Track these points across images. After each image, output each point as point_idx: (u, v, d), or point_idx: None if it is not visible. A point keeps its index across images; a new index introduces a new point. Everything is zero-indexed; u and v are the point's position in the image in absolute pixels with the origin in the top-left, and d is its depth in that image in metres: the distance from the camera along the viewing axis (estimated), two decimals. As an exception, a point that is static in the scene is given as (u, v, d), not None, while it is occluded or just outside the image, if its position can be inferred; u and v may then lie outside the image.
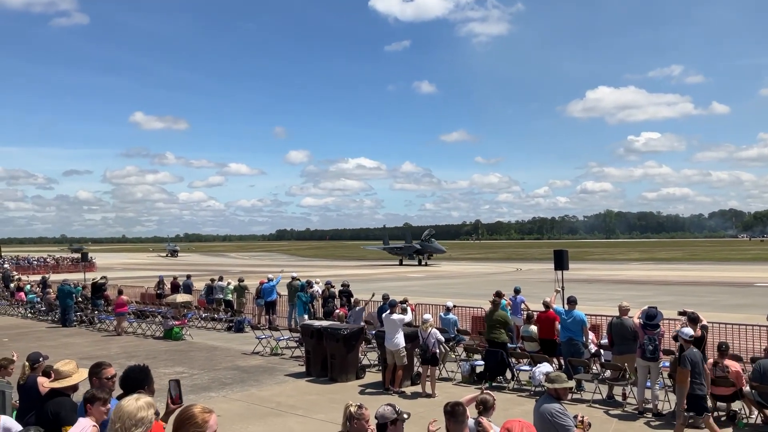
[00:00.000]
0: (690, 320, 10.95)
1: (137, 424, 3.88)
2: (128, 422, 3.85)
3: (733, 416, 10.92)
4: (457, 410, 5.82)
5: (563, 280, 17.83)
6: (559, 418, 6.50)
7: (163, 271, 44.87)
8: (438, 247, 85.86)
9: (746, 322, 15.70)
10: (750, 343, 14.92)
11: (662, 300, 27.59)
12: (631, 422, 10.95)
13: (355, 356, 14.97)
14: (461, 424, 5.81)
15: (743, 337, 15.20)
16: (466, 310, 20.72)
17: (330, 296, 21.64)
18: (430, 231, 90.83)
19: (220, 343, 20.51)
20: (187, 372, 15.82)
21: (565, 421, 6.50)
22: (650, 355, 11.56)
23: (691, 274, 54.64)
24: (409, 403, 12.27)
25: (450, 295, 30.13)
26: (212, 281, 28.02)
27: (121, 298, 23.28)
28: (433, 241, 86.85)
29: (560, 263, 18.88)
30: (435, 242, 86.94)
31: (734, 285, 41.68)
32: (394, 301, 14.90)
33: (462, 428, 5.81)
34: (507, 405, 11.57)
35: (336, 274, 53.40)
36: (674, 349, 11.87)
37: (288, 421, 11.33)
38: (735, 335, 15.14)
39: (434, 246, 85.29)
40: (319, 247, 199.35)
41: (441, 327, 16.79)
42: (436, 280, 53.02)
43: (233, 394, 13.48)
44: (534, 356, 13.98)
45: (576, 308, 13.80)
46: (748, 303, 27.83)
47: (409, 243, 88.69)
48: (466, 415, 5.87)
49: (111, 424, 3.94)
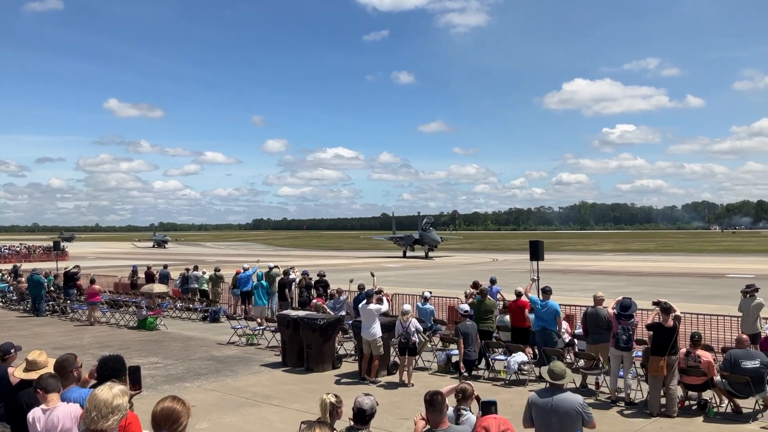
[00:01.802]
0: (663, 310, 11.10)
1: (113, 411, 3.85)
2: (104, 410, 3.83)
3: (704, 405, 11.11)
4: (436, 399, 5.84)
5: (538, 271, 17.98)
6: (586, 409, 6.79)
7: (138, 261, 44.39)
8: (433, 237, 77.81)
9: (718, 313, 15.98)
10: (721, 333, 15.18)
11: (635, 290, 27.96)
12: (604, 411, 11.09)
13: (331, 346, 14.97)
14: (440, 413, 5.84)
15: (715, 327, 15.46)
16: (443, 300, 20.81)
17: (306, 286, 21.59)
18: (429, 219, 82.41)
19: (195, 333, 20.38)
20: (161, 362, 15.70)
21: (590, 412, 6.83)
22: (624, 345, 11.71)
23: (664, 265, 55.44)
24: (386, 393, 12.32)
25: (426, 285, 30.23)
26: (187, 271, 27.81)
27: (93, 287, 23.01)
28: (431, 230, 79.41)
29: (536, 254, 19.03)
30: (433, 232, 79.43)
31: (706, 276, 42.35)
32: (371, 291, 14.92)
33: (441, 417, 5.84)
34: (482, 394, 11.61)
35: (313, 263, 53.31)
36: (647, 339, 12.07)
37: (263, 411, 11.30)
38: (707, 325, 15.39)
39: (430, 236, 77.45)
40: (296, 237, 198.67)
41: (418, 317, 16.86)
42: (412, 270, 53.16)
43: (208, 384, 13.41)
44: (509, 346, 14.11)
45: (551, 298, 14.01)
46: (720, 294, 28.30)
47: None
48: (445, 404, 5.90)
49: (86, 413, 3.90)
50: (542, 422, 6.74)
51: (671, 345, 10.82)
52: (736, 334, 13.15)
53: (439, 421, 5.83)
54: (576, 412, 6.68)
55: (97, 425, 3.81)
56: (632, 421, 10.61)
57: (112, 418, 3.84)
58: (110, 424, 3.84)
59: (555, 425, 6.66)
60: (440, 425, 5.82)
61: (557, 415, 6.64)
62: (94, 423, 3.81)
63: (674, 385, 10.90)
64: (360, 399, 5.70)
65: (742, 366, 10.62)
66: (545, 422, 6.71)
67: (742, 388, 10.61)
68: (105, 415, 3.82)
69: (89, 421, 3.84)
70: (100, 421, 3.81)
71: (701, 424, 10.44)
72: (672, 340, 10.83)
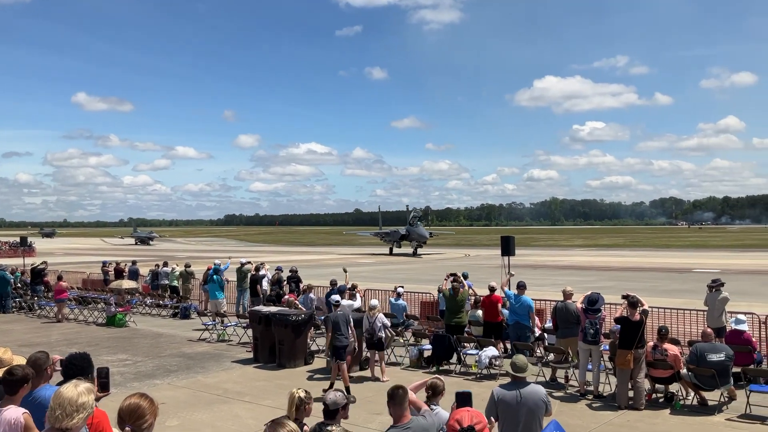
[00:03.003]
0: (630, 305, 11.28)
1: (78, 410, 3.80)
2: (69, 408, 3.77)
3: (670, 398, 11.31)
4: (397, 393, 5.85)
5: (509, 266, 18.11)
6: (548, 399, 6.97)
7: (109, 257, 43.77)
8: (421, 233, 71.23)
9: (684, 307, 16.25)
10: (687, 327, 15.45)
11: (604, 285, 28.30)
12: (573, 404, 11.23)
13: (303, 342, 14.93)
14: (401, 407, 5.84)
15: (681, 321, 15.73)
16: (415, 295, 20.86)
17: (278, 281, 21.48)
18: (417, 212, 75.17)
19: (166, 329, 20.16)
20: (130, 359, 15.51)
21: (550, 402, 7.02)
22: (591, 339, 11.88)
23: (633, 260, 56.28)
24: (358, 388, 12.32)
25: (399, 280, 30.23)
26: (157, 267, 27.51)
27: (60, 284, 22.64)
28: (419, 225, 72.88)
29: (507, 249, 19.19)
30: (420, 226, 72.91)
31: (673, 271, 43.08)
32: (344, 286, 14.90)
33: (402, 411, 5.84)
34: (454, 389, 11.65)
35: (286, 259, 53.07)
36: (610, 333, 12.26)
37: (235, 408, 11.23)
38: (673, 319, 15.64)
39: (418, 231, 71.02)
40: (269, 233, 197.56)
41: (390, 312, 16.91)
42: (385, 265, 53.22)
43: (178, 381, 13.28)
44: (480, 340, 14.23)
45: (525, 293, 14.19)
46: (686, 288, 28.79)
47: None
48: (407, 398, 5.90)
49: (51, 411, 3.84)
50: (510, 416, 6.76)
51: (638, 339, 11.00)
52: (702, 327, 13.40)
53: (400, 415, 5.84)
54: (542, 402, 6.78)
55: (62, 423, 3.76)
56: (600, 414, 10.76)
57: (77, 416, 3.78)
58: (75, 422, 3.78)
59: (523, 418, 6.71)
60: (402, 419, 5.83)
61: (526, 408, 6.71)
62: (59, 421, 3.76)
63: (641, 378, 11.08)
64: (330, 394, 5.70)
65: (707, 359, 10.83)
66: (513, 416, 6.74)
67: (707, 381, 10.82)
68: (70, 414, 3.76)
69: (53, 419, 3.78)
70: (65, 419, 3.76)
71: (668, 417, 10.63)
72: (638, 334, 11.00)
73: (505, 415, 6.77)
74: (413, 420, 5.88)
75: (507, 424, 6.77)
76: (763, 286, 31.32)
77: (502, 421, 6.80)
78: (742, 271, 41.37)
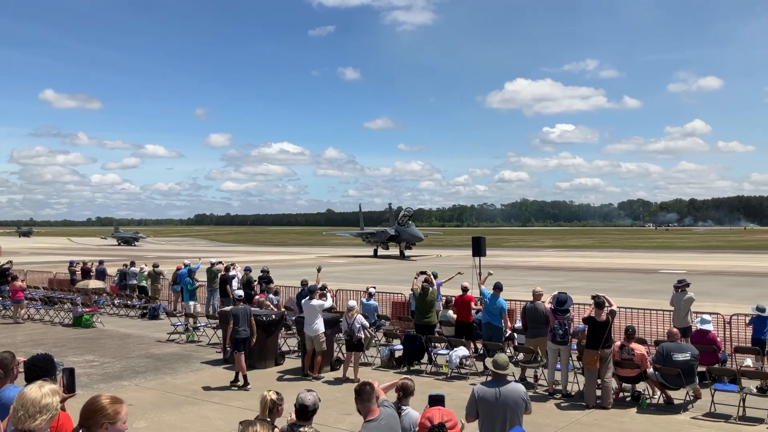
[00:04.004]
0: (596, 305, 11.44)
1: (41, 411, 3.71)
2: (32, 409, 3.69)
3: (637, 397, 11.49)
4: (364, 390, 5.85)
5: (480, 266, 18.22)
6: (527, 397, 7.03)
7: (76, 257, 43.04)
8: (414, 233, 66.03)
9: (651, 307, 16.51)
10: (654, 327, 15.69)
11: (573, 285, 28.64)
12: (542, 403, 11.34)
13: (274, 342, 14.84)
14: (368, 403, 5.85)
15: (648, 321, 15.98)
16: (386, 295, 20.88)
17: (248, 282, 21.30)
18: (408, 211, 69.05)
19: (134, 330, 19.89)
20: (97, 360, 15.28)
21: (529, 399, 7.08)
22: (560, 339, 12.01)
23: (601, 261, 56.97)
24: (329, 389, 12.30)
25: (370, 280, 30.29)
26: (125, 267, 27.12)
27: (14, 284, 22.11)
28: (411, 224, 67.35)
29: (478, 250, 19.34)
30: (412, 226, 67.66)
31: (640, 271, 43.70)
32: (314, 286, 14.84)
33: (371, 406, 5.85)
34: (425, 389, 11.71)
35: (257, 259, 52.75)
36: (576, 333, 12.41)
37: (203, 409, 11.13)
38: (640, 319, 15.88)
39: (410, 231, 65.81)
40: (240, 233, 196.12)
41: (362, 313, 16.87)
42: (357, 266, 53.17)
43: (146, 383, 13.11)
44: (451, 340, 14.29)
45: (500, 295, 14.32)
46: (653, 289, 29.25)
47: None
48: (374, 395, 5.91)
49: (13, 412, 3.75)
50: (490, 414, 6.78)
51: (604, 339, 11.15)
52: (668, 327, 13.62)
53: (368, 411, 5.85)
54: (522, 400, 6.83)
55: (24, 425, 3.67)
56: (569, 413, 10.89)
57: (39, 417, 3.70)
58: (38, 423, 3.70)
59: (504, 416, 6.75)
60: (369, 415, 5.84)
61: (507, 405, 6.75)
62: (21, 422, 3.68)
63: (609, 377, 11.24)
64: (302, 395, 5.68)
65: (673, 358, 11.02)
66: (494, 414, 6.77)
67: (673, 380, 11.02)
68: (32, 415, 3.68)
69: (16, 420, 3.70)
70: (27, 420, 3.68)
71: (635, 415, 10.79)
72: (605, 334, 11.15)
73: (485, 412, 6.81)
74: (382, 411, 5.90)
75: (487, 421, 6.80)
76: (727, 287, 31.95)
77: (483, 419, 6.83)
78: (707, 272, 42.16)
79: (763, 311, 13.32)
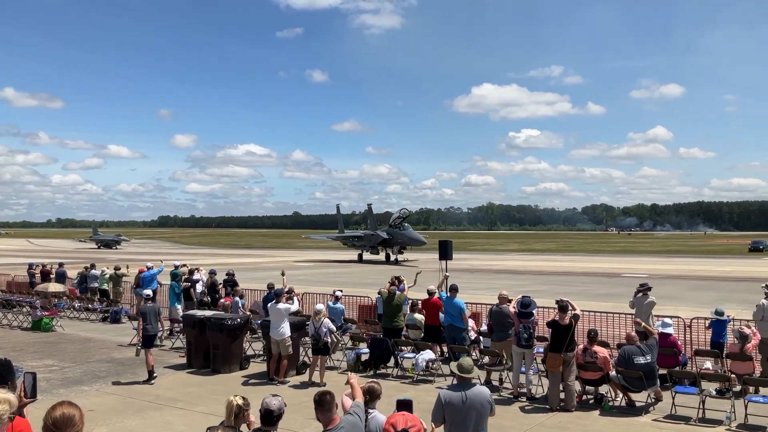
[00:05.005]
0: (560, 309, 11.59)
1: None
2: None
3: (600, 399, 11.64)
4: (325, 399, 5.81)
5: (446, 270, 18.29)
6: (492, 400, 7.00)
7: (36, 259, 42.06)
8: (415, 237, 61.11)
9: (613, 311, 16.76)
10: (616, 330, 15.93)
11: (538, 289, 28.97)
12: (507, 406, 11.42)
13: (239, 346, 14.69)
14: (329, 413, 5.81)
15: (610, 324, 16.22)
16: (353, 299, 20.84)
17: (212, 285, 21.06)
18: (403, 212, 64.16)
19: (95, 334, 19.51)
20: (57, 365, 14.94)
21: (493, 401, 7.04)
22: (525, 343, 12.12)
23: (565, 265, 57.76)
24: (294, 393, 12.21)
25: (337, 284, 30.17)
26: (86, 269, 26.60)
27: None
28: (407, 227, 63.02)
29: (445, 253, 19.37)
30: (410, 229, 63.35)
31: (603, 275, 44.42)
32: (281, 290, 14.73)
33: (330, 416, 5.81)
34: (391, 392, 11.73)
35: (222, 262, 52.21)
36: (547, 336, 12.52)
37: (166, 415, 10.95)
38: (603, 323, 16.12)
39: (409, 235, 61.34)
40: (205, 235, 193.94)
41: (329, 316, 16.80)
42: (323, 269, 52.99)
43: (107, 388, 12.87)
44: (417, 344, 14.32)
45: (457, 296, 14.40)
46: (615, 292, 29.70)
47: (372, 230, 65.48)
48: (335, 403, 5.87)
49: None
50: (457, 418, 6.77)
51: (567, 342, 11.29)
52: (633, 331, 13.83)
53: (329, 419, 5.82)
54: (488, 403, 6.84)
55: None
56: (533, 416, 10.98)
57: None
58: None
59: (471, 420, 6.75)
60: (330, 424, 5.80)
61: (473, 409, 6.76)
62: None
63: (572, 380, 11.38)
64: (267, 400, 5.62)
65: (635, 362, 11.20)
66: (461, 417, 6.75)
67: (635, 383, 11.20)
68: None
69: None
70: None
71: (597, 417, 10.93)
72: (568, 338, 11.30)
73: (452, 417, 6.79)
74: (343, 420, 5.85)
75: (454, 425, 6.79)
76: (688, 291, 32.65)
77: (450, 423, 6.81)
78: (668, 276, 43.03)
79: (722, 315, 13.62)
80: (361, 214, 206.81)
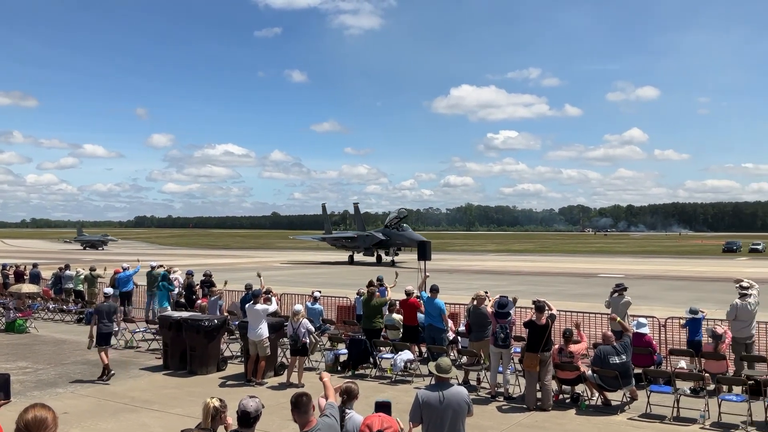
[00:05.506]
0: (536, 309, 11.70)
1: None
2: None
3: (576, 398, 11.76)
4: (301, 401, 5.81)
5: (425, 270, 18.35)
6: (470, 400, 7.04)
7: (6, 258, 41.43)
8: (416, 238, 55.08)
9: (589, 310, 16.94)
10: (593, 330, 16.09)
11: (516, 289, 29.09)
12: (484, 406, 11.48)
13: (216, 348, 14.59)
14: (305, 414, 5.82)
15: (586, 324, 16.36)
16: (332, 299, 20.81)
17: (188, 286, 20.90)
18: (401, 212, 61.49)
19: (69, 335, 19.25)
20: (31, 367, 14.73)
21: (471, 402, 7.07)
22: (502, 343, 12.20)
23: (542, 265, 58.18)
24: (272, 394, 12.17)
25: (315, 284, 30.12)
26: (60, 270, 26.26)
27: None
28: (406, 227, 60.19)
29: (423, 254, 19.47)
30: (409, 230, 60.49)
31: (579, 275, 44.84)
32: (258, 291, 14.66)
33: (307, 418, 5.82)
34: (369, 393, 11.73)
35: (199, 263, 51.85)
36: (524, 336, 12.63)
37: (142, 417, 10.85)
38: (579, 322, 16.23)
39: (409, 236, 57.97)
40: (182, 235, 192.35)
41: (307, 317, 16.76)
42: (301, 269, 52.84)
43: (82, 390, 12.71)
44: (396, 344, 14.34)
45: (437, 297, 14.42)
46: (592, 292, 29.96)
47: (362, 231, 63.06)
48: (311, 405, 5.88)
49: None
50: (435, 418, 6.78)
51: (544, 342, 11.39)
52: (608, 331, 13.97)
53: (306, 421, 5.82)
54: (465, 403, 6.88)
55: None
56: (510, 416, 11.05)
57: None
58: None
59: (448, 420, 6.77)
60: (307, 426, 5.80)
61: (450, 409, 6.78)
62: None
63: (549, 380, 11.48)
64: (244, 401, 5.59)
65: (610, 361, 11.33)
66: (438, 417, 6.77)
67: (611, 382, 11.33)
68: None
69: None
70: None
71: (574, 417, 11.03)
72: (545, 338, 11.40)
73: (429, 417, 6.81)
74: (319, 422, 5.86)
75: (432, 425, 6.81)
76: (663, 291, 33.07)
77: (427, 423, 6.83)
78: (644, 276, 43.55)
79: (696, 313, 13.81)
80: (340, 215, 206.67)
